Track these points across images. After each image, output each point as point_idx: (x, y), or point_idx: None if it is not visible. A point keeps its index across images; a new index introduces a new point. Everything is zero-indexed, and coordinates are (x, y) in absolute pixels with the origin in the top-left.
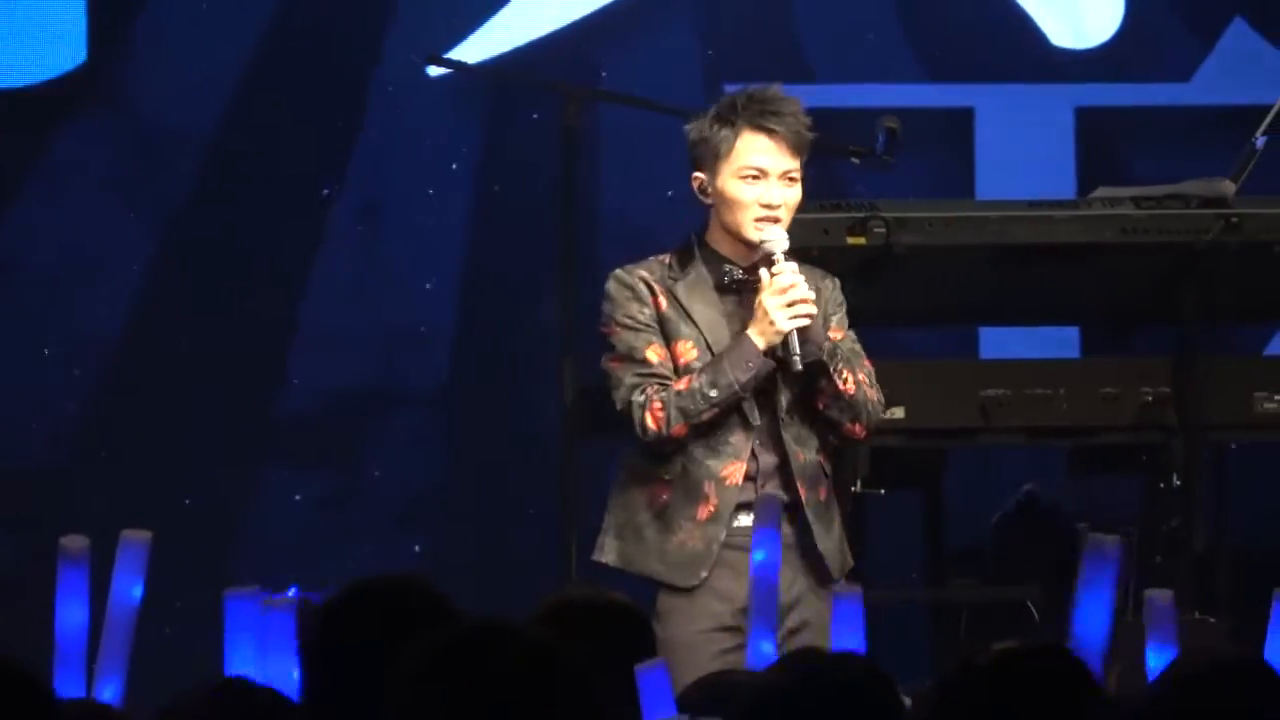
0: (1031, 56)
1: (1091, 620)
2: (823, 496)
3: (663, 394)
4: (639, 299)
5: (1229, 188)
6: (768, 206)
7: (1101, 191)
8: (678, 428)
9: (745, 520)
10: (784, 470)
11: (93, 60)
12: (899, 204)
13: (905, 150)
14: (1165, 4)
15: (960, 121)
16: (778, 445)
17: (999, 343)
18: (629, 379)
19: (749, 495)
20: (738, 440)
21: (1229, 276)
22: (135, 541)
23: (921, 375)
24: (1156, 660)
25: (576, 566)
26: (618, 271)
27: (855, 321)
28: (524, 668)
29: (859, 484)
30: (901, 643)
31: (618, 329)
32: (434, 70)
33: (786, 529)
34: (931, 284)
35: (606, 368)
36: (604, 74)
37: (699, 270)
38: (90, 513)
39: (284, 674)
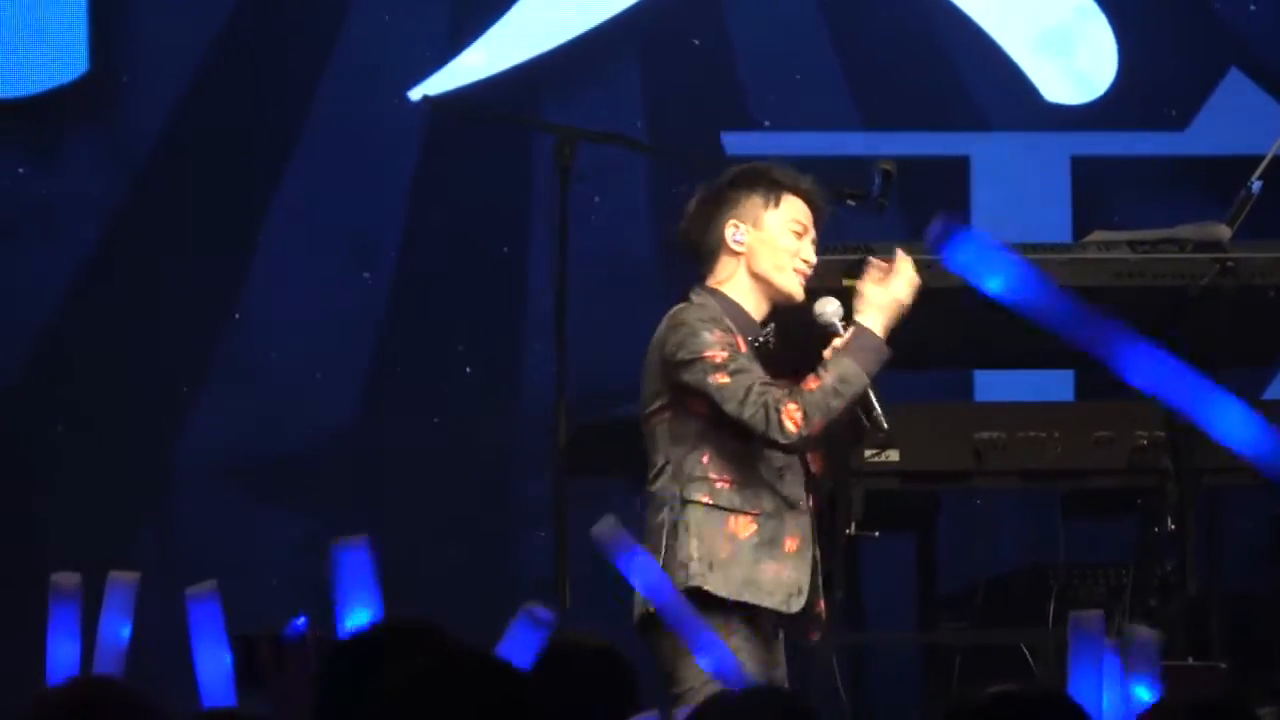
0: (1027, 106)
1: (1083, 699)
2: None
3: (794, 396)
4: (725, 330)
5: (1224, 232)
6: (806, 262)
7: (1097, 235)
8: (818, 424)
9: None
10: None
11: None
12: (895, 247)
13: (902, 199)
14: (1161, 54)
15: (956, 170)
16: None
17: (993, 386)
18: (756, 387)
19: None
20: (803, 482)
21: (1224, 320)
22: (123, 582)
23: (916, 418)
24: (1138, 692)
25: (570, 600)
26: (690, 308)
27: None
28: (497, 701)
29: (853, 527)
30: (894, 686)
31: (719, 350)
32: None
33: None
34: (927, 326)
35: (717, 383)
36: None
37: (734, 319)
38: None
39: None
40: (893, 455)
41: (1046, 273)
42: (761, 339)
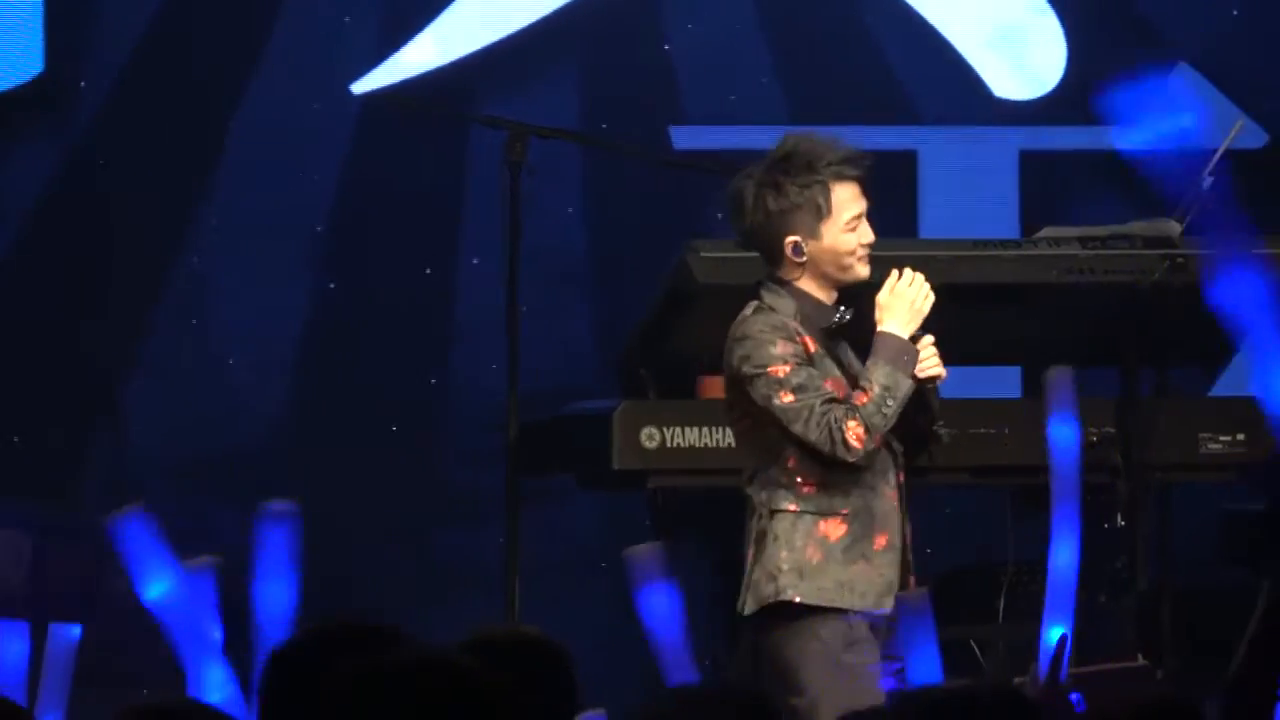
0: (975, 101)
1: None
2: None
3: (853, 413)
4: (792, 340)
5: (1175, 228)
6: (866, 246)
7: (1047, 231)
8: (878, 437)
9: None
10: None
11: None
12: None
13: None
14: (1110, 49)
15: (904, 165)
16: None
17: (943, 382)
18: (818, 406)
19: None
20: (889, 467)
21: (1175, 317)
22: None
23: None
24: (1057, 432)
25: (520, 599)
26: (756, 317)
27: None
28: (453, 699)
29: None
30: None
31: (783, 364)
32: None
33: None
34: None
35: (782, 403)
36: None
37: (804, 314)
38: None
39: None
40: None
41: (996, 268)
42: (836, 321)
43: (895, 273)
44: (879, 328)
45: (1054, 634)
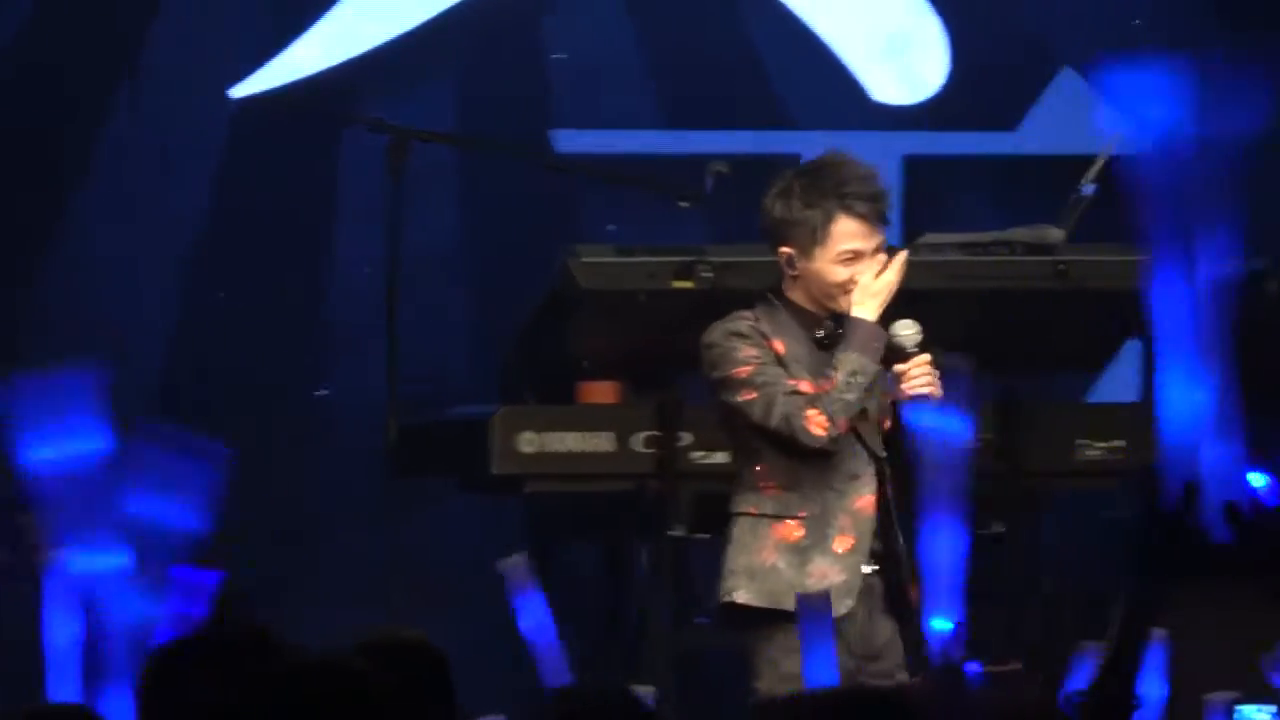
0: (858, 106)
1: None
2: None
3: (814, 402)
4: (756, 344)
5: (1057, 235)
6: (856, 284)
7: (929, 238)
8: (843, 423)
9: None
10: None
11: None
12: (726, 248)
13: (735, 199)
14: (992, 54)
15: (788, 170)
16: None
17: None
18: (779, 398)
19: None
20: (867, 473)
21: (1056, 323)
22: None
23: None
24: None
25: (401, 602)
26: (718, 325)
27: (682, 367)
28: (343, 701)
29: (684, 529)
30: (732, 685)
31: (744, 365)
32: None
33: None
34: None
35: (745, 400)
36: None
37: (789, 324)
38: None
39: None
40: (721, 457)
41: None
42: (822, 334)
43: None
44: (851, 311)
45: (943, 624)
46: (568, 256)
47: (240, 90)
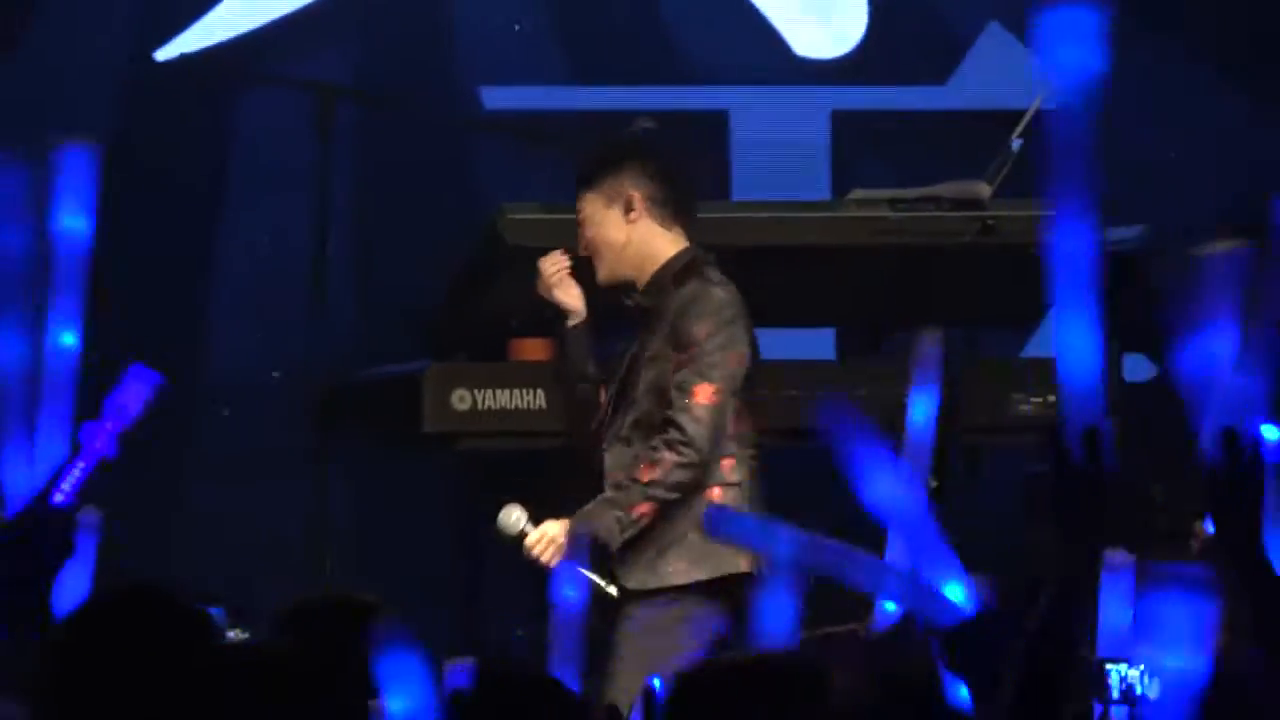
0: (784, 61)
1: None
2: None
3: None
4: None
5: (985, 190)
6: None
7: (857, 194)
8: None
9: None
10: None
11: None
12: None
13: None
14: (918, 8)
15: (715, 125)
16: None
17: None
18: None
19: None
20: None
21: (984, 279)
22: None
23: None
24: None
25: (332, 567)
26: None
27: (609, 324)
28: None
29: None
30: None
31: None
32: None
33: None
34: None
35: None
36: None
37: None
38: None
39: None
40: None
41: (805, 230)
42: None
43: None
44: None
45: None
46: (495, 214)
47: (165, 53)
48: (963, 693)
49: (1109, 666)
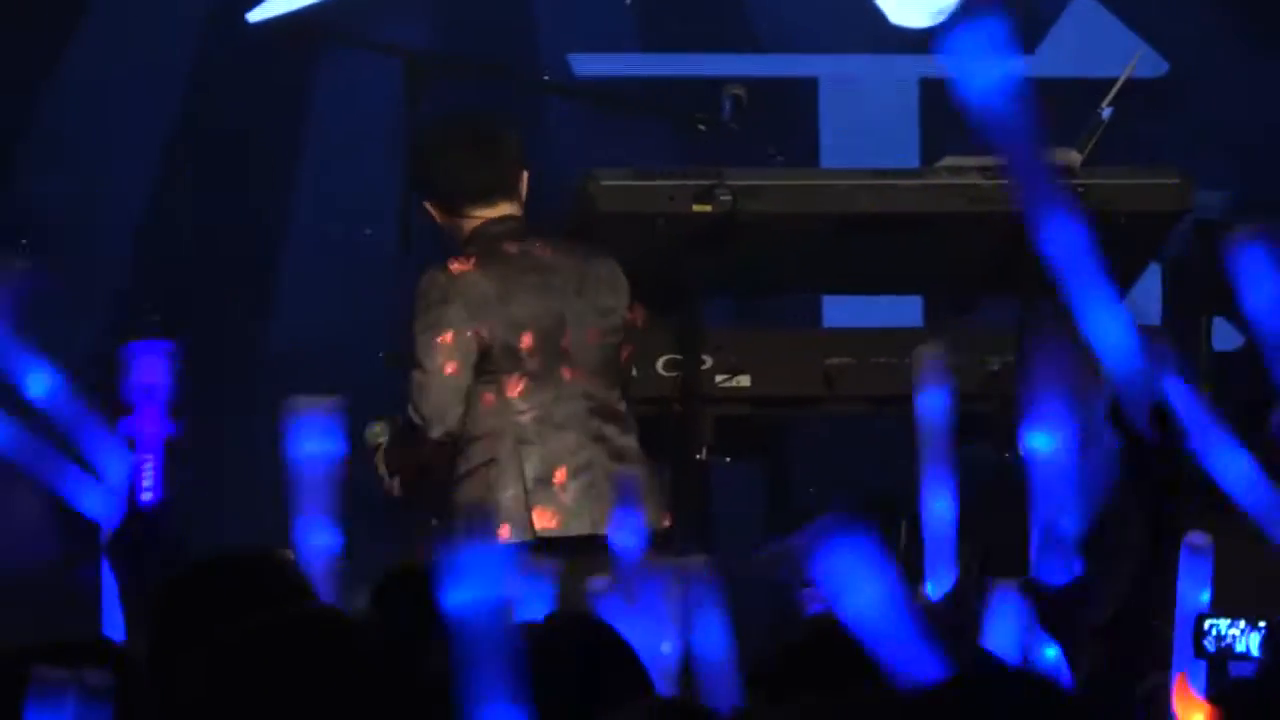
0: (874, 28)
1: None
2: None
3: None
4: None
5: (1075, 158)
6: None
7: (948, 161)
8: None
9: None
10: None
11: None
12: (745, 172)
13: (751, 120)
14: None
15: (805, 92)
16: None
17: (842, 312)
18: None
19: None
20: None
21: None
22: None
23: (766, 344)
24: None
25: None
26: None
27: (701, 290)
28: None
29: (704, 452)
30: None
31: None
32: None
33: None
34: (776, 252)
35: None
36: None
37: None
38: None
39: None
40: (744, 381)
41: (896, 197)
42: None
43: None
44: None
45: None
46: (586, 179)
47: (257, 14)
48: (1050, 654)
49: (1209, 622)
